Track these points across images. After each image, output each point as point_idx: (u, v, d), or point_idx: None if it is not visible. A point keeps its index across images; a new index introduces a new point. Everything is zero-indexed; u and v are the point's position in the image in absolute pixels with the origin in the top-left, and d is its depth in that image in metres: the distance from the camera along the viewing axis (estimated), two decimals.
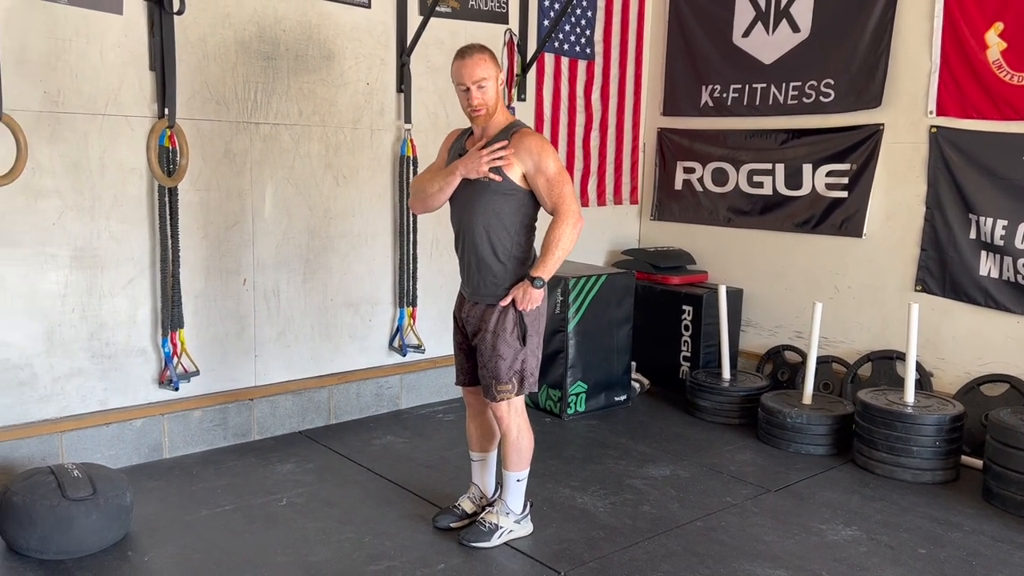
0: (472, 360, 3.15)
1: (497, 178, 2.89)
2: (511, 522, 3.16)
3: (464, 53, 2.91)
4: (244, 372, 4.13)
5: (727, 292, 4.77)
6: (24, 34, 3.32)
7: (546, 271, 2.93)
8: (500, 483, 3.26)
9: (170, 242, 3.72)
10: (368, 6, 4.31)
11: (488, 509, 3.20)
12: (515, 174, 2.92)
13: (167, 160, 3.66)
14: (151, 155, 3.58)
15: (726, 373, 4.76)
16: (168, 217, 3.71)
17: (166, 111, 3.61)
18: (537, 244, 3.06)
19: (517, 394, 3.04)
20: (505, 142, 2.89)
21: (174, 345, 3.81)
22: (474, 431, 3.30)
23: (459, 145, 3.10)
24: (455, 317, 3.22)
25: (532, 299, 2.95)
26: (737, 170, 5.21)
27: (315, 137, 4.23)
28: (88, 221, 3.58)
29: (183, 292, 3.81)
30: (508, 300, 2.95)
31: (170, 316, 3.77)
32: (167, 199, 3.71)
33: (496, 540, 3.12)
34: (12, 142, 3.16)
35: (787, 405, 4.28)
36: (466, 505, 3.31)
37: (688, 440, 4.35)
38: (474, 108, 2.90)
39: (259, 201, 4.06)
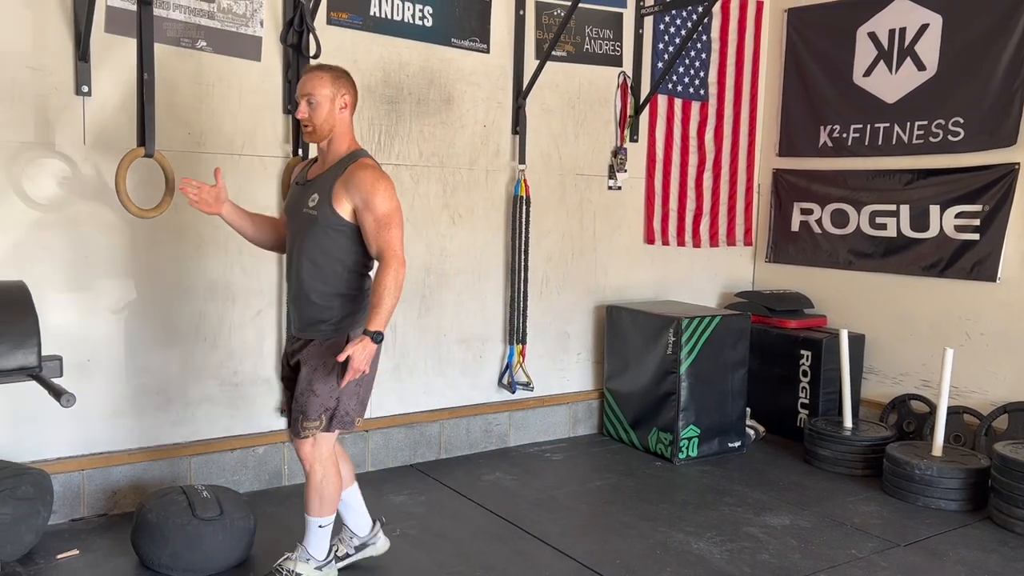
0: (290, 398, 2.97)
1: (313, 213, 2.75)
2: (312, 569, 2.93)
3: (308, 68, 2.87)
4: None
5: (848, 337, 4.59)
6: (174, 80, 3.57)
7: (381, 322, 2.64)
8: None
9: None
10: (487, 51, 4.44)
11: (286, 556, 2.95)
12: (345, 209, 2.73)
13: None
14: (284, 191, 3.75)
15: (848, 422, 4.56)
16: None
17: (300, 151, 3.80)
18: None
19: (323, 431, 2.81)
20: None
21: None
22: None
23: (303, 172, 2.97)
24: (285, 354, 3.02)
25: (368, 355, 2.64)
26: (858, 211, 5.05)
27: (434, 177, 4.35)
28: (222, 255, 3.77)
29: None
30: (344, 357, 2.61)
31: None
32: None
33: None
34: (161, 179, 3.39)
35: (915, 456, 4.06)
36: (338, 547, 3.13)
37: (808, 489, 4.17)
38: (302, 122, 2.80)
39: None
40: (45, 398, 3.22)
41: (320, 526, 2.93)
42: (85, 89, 3.38)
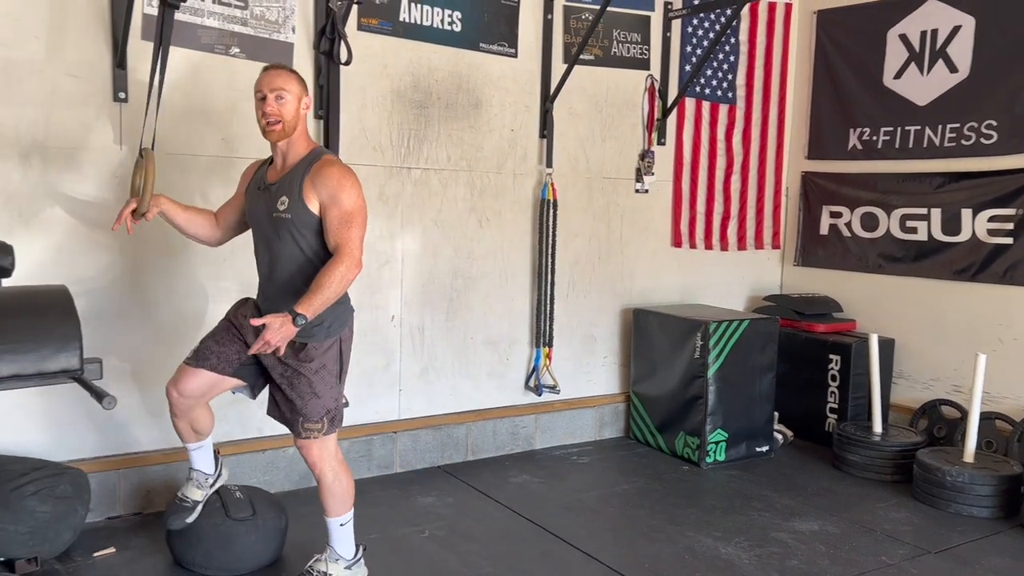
0: (230, 348, 2.90)
1: (287, 216, 2.72)
2: (342, 569, 2.95)
3: (269, 67, 2.84)
4: (389, 405, 4.27)
5: (878, 341, 4.56)
6: (208, 86, 3.63)
7: (312, 309, 2.59)
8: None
9: None
10: (515, 56, 4.46)
11: (316, 557, 2.96)
12: (315, 206, 2.72)
13: None
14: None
15: (877, 427, 4.53)
16: None
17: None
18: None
19: (325, 434, 2.83)
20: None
21: None
22: (185, 427, 2.99)
23: (260, 176, 2.91)
24: (235, 316, 2.97)
25: (285, 336, 2.58)
26: (888, 215, 5.01)
27: (461, 181, 4.38)
28: (254, 257, 3.81)
29: None
30: (259, 322, 2.59)
31: None
32: None
33: None
34: (173, 181, 3.44)
35: (946, 462, 4.03)
36: (194, 494, 3.06)
37: (837, 495, 4.15)
38: (267, 116, 2.74)
39: (408, 242, 4.24)
40: (83, 399, 3.29)
41: (342, 524, 2.95)
42: (122, 95, 3.45)
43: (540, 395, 4.70)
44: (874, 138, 5.08)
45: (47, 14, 3.29)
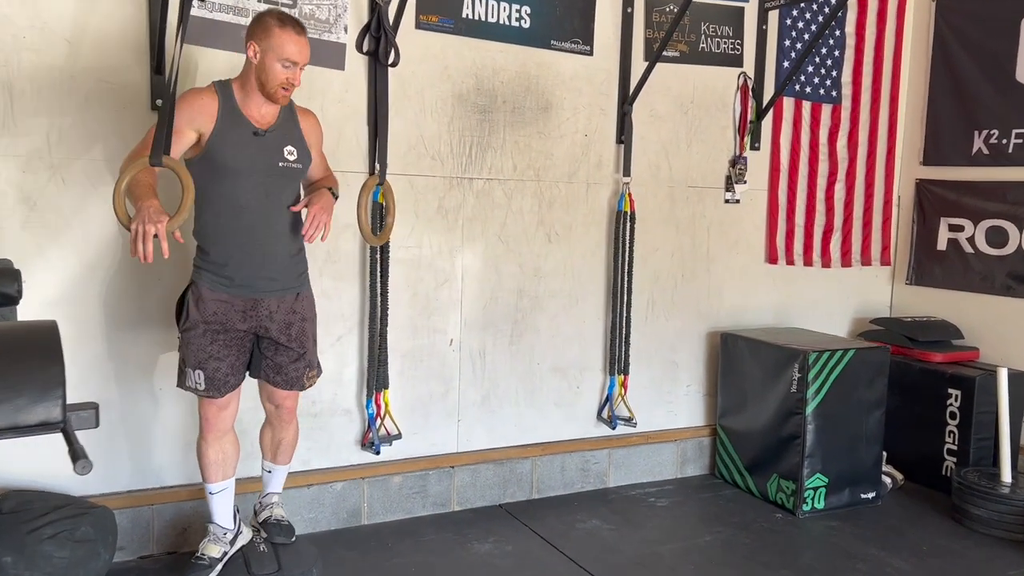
0: (231, 358, 2.83)
1: (298, 166, 2.84)
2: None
3: (296, 27, 2.70)
4: (446, 437, 3.92)
5: (1008, 376, 3.94)
6: None
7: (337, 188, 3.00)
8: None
9: (379, 300, 3.61)
10: (590, 53, 4.05)
11: (270, 508, 3.12)
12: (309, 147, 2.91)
13: (380, 217, 3.55)
14: (362, 212, 3.44)
15: (1006, 475, 3.91)
16: (379, 274, 3.60)
17: (377, 165, 3.52)
18: None
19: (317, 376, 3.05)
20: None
21: (378, 406, 3.68)
22: (216, 455, 2.94)
23: (244, 123, 2.73)
24: (221, 320, 2.78)
25: (329, 207, 2.86)
26: (1020, 230, 4.36)
27: (528, 192, 4.00)
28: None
29: (389, 350, 3.68)
30: (301, 207, 2.81)
31: (376, 376, 3.64)
32: (378, 256, 3.61)
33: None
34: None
35: None
36: (211, 550, 2.90)
37: (957, 556, 3.57)
38: (290, 87, 2.75)
39: (469, 259, 3.88)
40: (115, 428, 3.09)
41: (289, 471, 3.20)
42: (160, 102, 3.19)
43: (614, 428, 4.26)
44: (1004, 141, 4.44)
45: (78, 16, 3.06)
